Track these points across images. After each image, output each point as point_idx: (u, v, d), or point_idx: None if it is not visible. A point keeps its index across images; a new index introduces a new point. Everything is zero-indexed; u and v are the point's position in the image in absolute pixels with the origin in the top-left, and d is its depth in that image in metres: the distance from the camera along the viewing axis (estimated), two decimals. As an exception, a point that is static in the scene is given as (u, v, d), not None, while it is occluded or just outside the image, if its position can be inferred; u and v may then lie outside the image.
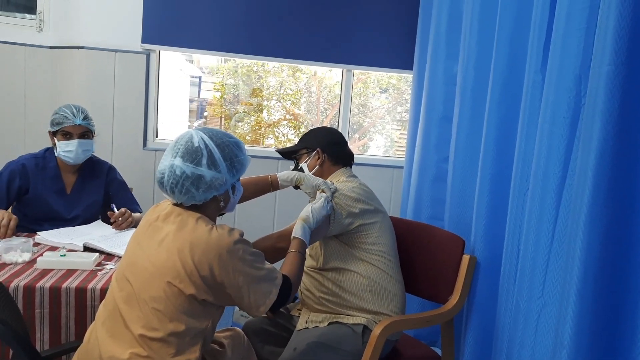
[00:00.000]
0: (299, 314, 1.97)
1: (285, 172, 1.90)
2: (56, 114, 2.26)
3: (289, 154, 2.07)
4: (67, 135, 2.23)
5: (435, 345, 2.59)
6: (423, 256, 2.12)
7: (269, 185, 1.91)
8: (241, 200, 1.82)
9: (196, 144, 1.36)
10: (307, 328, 1.85)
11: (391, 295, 1.88)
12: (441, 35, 2.62)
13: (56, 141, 2.25)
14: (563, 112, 1.47)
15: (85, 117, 2.28)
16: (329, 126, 2.34)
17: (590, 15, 1.40)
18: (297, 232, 1.63)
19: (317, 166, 1.99)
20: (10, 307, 1.41)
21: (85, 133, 2.26)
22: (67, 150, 2.22)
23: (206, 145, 1.37)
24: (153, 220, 1.43)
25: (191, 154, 1.36)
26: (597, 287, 1.27)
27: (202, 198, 1.38)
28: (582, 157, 1.33)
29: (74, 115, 2.24)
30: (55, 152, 2.28)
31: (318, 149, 1.99)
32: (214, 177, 1.36)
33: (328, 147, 2.00)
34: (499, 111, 2.04)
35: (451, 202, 2.41)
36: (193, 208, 1.41)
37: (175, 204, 1.43)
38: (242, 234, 1.40)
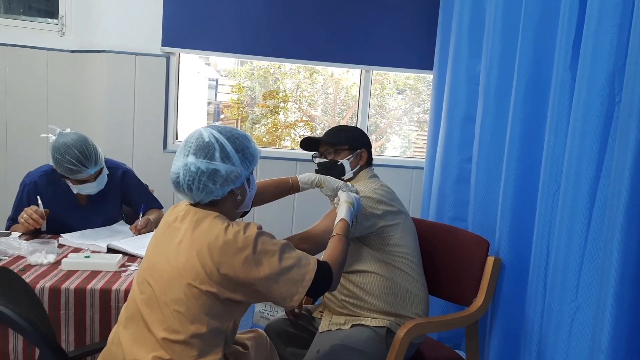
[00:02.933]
0: (321, 316, 1.95)
1: (305, 174, 1.86)
2: (60, 162, 2.01)
3: (322, 144, 1.99)
4: (80, 181, 2.08)
5: (459, 348, 2.55)
6: (446, 258, 2.10)
7: (289, 187, 1.88)
8: (261, 203, 1.82)
9: (207, 139, 1.35)
10: (330, 330, 1.83)
11: (414, 298, 1.86)
12: (463, 34, 2.58)
13: (67, 182, 2.11)
14: (596, 110, 1.44)
15: (97, 161, 2.06)
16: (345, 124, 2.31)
17: (624, 12, 1.37)
18: (342, 214, 1.57)
19: (358, 166, 1.96)
20: (37, 308, 1.42)
21: (100, 171, 2.12)
22: (84, 190, 2.12)
23: (217, 140, 1.36)
24: (171, 222, 1.41)
25: (203, 149, 1.34)
26: (635, 289, 1.23)
27: (220, 193, 1.37)
28: (618, 156, 1.29)
29: (84, 165, 2.02)
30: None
31: (364, 149, 1.97)
32: (229, 170, 1.35)
33: (368, 148, 1.99)
34: (524, 110, 2.00)
35: (475, 203, 2.37)
36: (210, 206, 1.39)
37: (192, 204, 1.41)
38: (260, 227, 1.36)
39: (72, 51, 3.16)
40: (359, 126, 3.35)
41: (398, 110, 6.07)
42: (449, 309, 2.46)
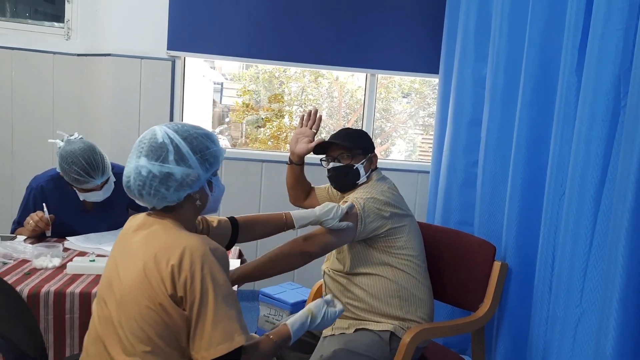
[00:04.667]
0: None
1: (300, 211, 1.70)
2: (67, 172, 2.02)
3: (335, 148, 1.92)
4: (87, 189, 2.08)
5: (465, 354, 2.54)
6: (452, 262, 2.08)
7: (282, 224, 1.70)
8: (247, 240, 1.69)
9: (160, 140, 1.23)
10: (333, 335, 1.82)
11: (419, 301, 1.84)
12: (469, 37, 2.58)
13: (74, 188, 2.11)
14: (601, 114, 1.43)
15: (104, 172, 2.06)
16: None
17: (630, 15, 1.36)
18: (291, 321, 1.34)
19: (370, 170, 1.93)
20: (19, 317, 1.35)
21: (106, 180, 2.11)
22: (90, 198, 2.12)
23: (171, 140, 1.23)
24: (127, 233, 1.30)
25: (156, 151, 1.22)
26: (640, 295, 1.22)
27: (175, 198, 1.25)
28: (624, 161, 1.28)
29: (91, 176, 2.02)
30: None
31: (374, 154, 1.95)
32: (185, 173, 1.23)
33: (374, 150, 1.97)
34: (531, 114, 2.00)
35: (481, 207, 2.36)
36: (166, 212, 1.28)
37: (150, 212, 1.31)
38: (222, 252, 1.22)
39: (78, 55, 3.17)
40: (364, 130, 3.35)
41: (403, 114, 6.06)
42: (455, 314, 2.45)
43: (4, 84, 3.13)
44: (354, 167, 1.88)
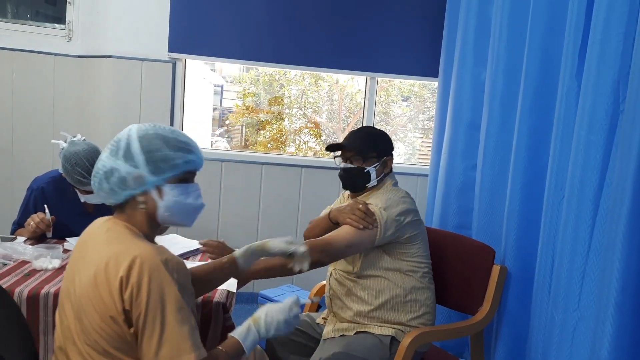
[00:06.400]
0: (324, 322, 1.94)
1: (242, 248, 1.48)
2: (70, 173, 2.03)
3: (348, 149, 1.87)
4: (89, 191, 2.05)
5: (463, 357, 2.54)
6: (451, 266, 2.09)
7: (226, 269, 1.47)
8: (197, 294, 1.43)
9: (120, 136, 1.21)
10: (334, 337, 1.82)
11: (425, 308, 1.84)
12: (469, 42, 2.59)
13: (75, 190, 2.11)
14: (600, 119, 1.43)
15: None
16: (371, 125, 2.16)
17: (630, 20, 1.37)
18: (237, 332, 1.27)
19: (383, 174, 1.89)
20: (17, 333, 1.30)
21: None
22: (92, 200, 2.05)
23: (128, 137, 1.20)
24: (85, 237, 1.27)
25: (114, 145, 1.20)
26: (637, 300, 1.22)
27: (118, 196, 1.20)
28: (621, 165, 1.29)
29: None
30: None
31: (390, 157, 1.91)
32: (129, 171, 1.17)
33: (391, 153, 1.93)
34: (531, 118, 2.00)
35: (479, 211, 2.37)
36: (121, 213, 1.23)
37: (112, 215, 1.27)
38: (177, 263, 1.16)
39: (79, 56, 3.18)
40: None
41: (403, 117, 6.08)
42: (452, 317, 2.45)
43: (4, 85, 3.13)
44: (365, 170, 1.86)
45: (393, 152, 1.94)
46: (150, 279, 1.09)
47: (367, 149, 1.87)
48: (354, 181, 1.89)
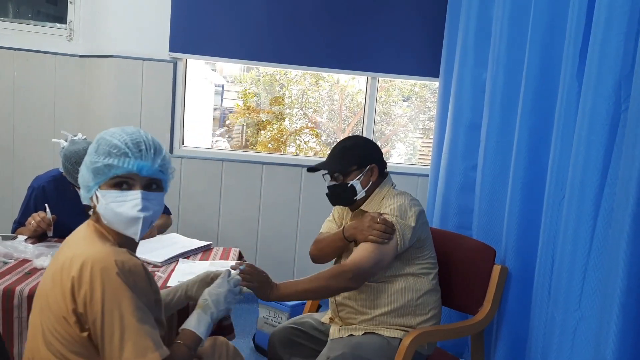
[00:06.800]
0: (330, 322, 1.92)
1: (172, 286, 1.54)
2: (71, 172, 2.09)
3: (332, 171, 1.86)
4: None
5: (463, 357, 2.54)
6: (452, 266, 2.08)
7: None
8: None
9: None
10: (342, 337, 1.81)
11: (433, 311, 1.84)
12: (469, 42, 2.59)
13: (76, 189, 2.13)
14: (602, 119, 1.43)
15: None
16: (358, 135, 2.14)
17: (631, 20, 1.37)
18: (188, 324, 1.28)
19: (371, 182, 1.85)
20: None
21: None
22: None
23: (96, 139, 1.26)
24: (66, 240, 1.27)
25: None
26: (641, 300, 1.22)
27: (84, 197, 1.24)
28: (625, 166, 1.28)
29: None
30: None
31: (373, 164, 1.85)
32: (81, 173, 1.24)
33: (378, 161, 1.88)
34: (531, 118, 2.00)
35: (480, 211, 2.37)
36: (94, 217, 1.25)
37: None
38: (133, 265, 1.14)
39: (80, 56, 3.18)
40: (364, 133, 3.36)
41: (403, 118, 6.08)
42: (452, 317, 2.45)
43: (6, 84, 3.14)
44: (349, 185, 1.83)
45: (381, 157, 1.90)
46: (102, 280, 1.08)
47: (344, 165, 1.84)
48: (339, 198, 1.87)
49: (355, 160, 1.84)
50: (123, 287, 1.09)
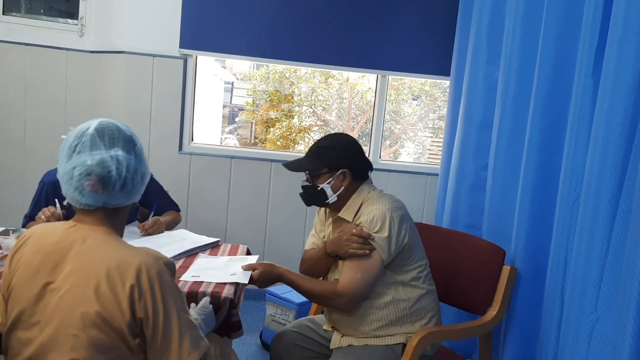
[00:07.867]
0: (332, 329, 1.87)
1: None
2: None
3: (304, 170, 1.82)
4: None
5: (471, 358, 2.52)
6: (460, 266, 2.07)
7: None
8: None
9: (128, 133, 1.24)
10: (342, 347, 1.78)
11: (431, 312, 1.79)
12: (482, 40, 2.56)
13: None
14: (620, 118, 1.41)
15: None
16: (342, 133, 2.03)
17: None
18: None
19: (342, 187, 1.74)
20: None
21: None
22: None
23: (132, 133, 1.28)
24: (48, 249, 1.21)
25: (128, 143, 1.23)
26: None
27: (137, 195, 1.26)
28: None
29: None
30: None
31: (345, 169, 1.74)
32: (142, 170, 1.28)
33: (353, 164, 1.76)
34: (544, 118, 1.98)
35: (490, 211, 2.35)
36: (105, 217, 1.20)
37: (73, 222, 1.24)
38: (172, 262, 1.17)
39: (91, 52, 3.19)
40: (373, 132, 3.34)
41: (413, 116, 6.06)
42: (461, 317, 2.43)
43: (17, 79, 3.15)
44: (319, 188, 1.75)
45: (359, 160, 1.79)
46: (160, 283, 1.10)
47: (316, 165, 1.76)
48: (310, 200, 1.81)
49: (327, 162, 1.76)
50: (175, 285, 1.14)
